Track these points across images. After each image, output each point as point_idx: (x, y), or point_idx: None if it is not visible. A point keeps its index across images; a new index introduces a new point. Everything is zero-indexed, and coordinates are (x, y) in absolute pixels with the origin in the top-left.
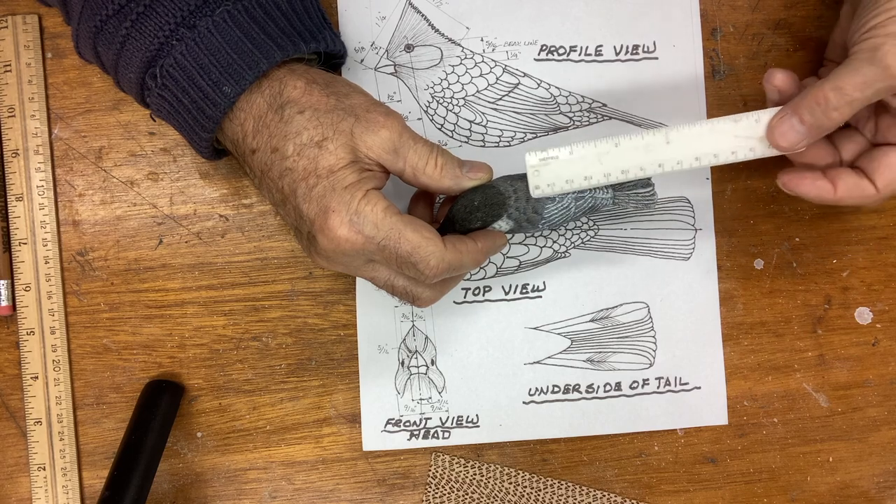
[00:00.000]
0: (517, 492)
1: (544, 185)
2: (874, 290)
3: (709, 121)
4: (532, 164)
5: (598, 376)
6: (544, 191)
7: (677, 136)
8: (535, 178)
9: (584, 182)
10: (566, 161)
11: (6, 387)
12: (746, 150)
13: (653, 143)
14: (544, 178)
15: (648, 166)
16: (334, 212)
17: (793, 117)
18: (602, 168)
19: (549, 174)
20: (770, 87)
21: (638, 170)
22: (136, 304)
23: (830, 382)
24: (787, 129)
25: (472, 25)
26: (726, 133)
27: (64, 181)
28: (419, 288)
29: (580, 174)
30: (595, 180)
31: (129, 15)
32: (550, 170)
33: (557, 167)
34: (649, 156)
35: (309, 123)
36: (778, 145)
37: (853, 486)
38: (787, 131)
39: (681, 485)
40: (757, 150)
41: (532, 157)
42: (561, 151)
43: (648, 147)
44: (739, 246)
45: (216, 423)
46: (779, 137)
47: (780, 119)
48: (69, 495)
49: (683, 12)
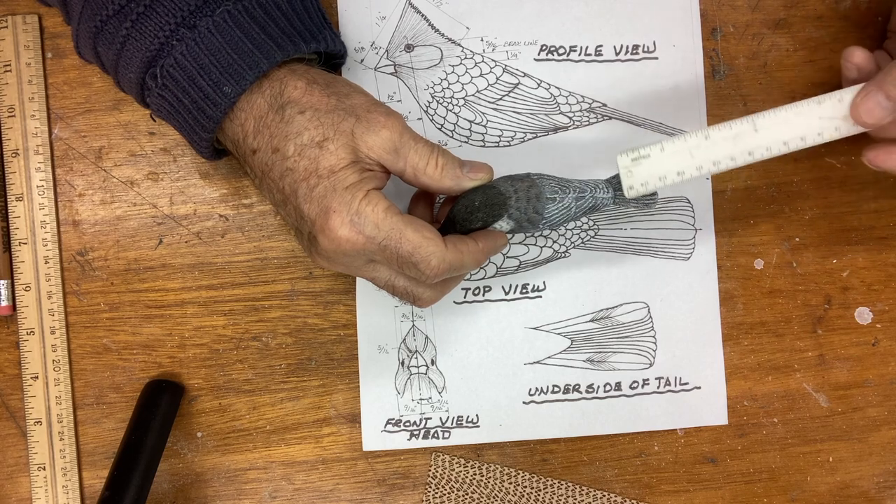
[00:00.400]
0: (517, 492)
1: (638, 185)
2: (874, 290)
3: (792, 105)
4: (624, 164)
5: (598, 376)
6: (638, 190)
7: (764, 123)
8: (629, 178)
9: (676, 178)
10: (658, 158)
11: (6, 387)
12: (832, 130)
13: (741, 132)
14: (637, 177)
15: (739, 156)
16: (335, 212)
17: (878, 93)
18: (694, 161)
19: (642, 173)
20: (849, 64)
21: (729, 160)
22: (136, 304)
23: (830, 382)
24: (873, 106)
25: (472, 25)
26: (811, 115)
27: (64, 181)
28: (420, 288)
29: (672, 170)
30: (688, 174)
31: (130, 15)
32: (643, 168)
33: (649, 165)
34: (738, 145)
35: (310, 124)
36: (864, 122)
37: (853, 486)
38: (874, 108)
39: (681, 485)
40: (842, 129)
41: (624, 158)
42: (652, 149)
43: (737, 137)
44: (739, 246)
45: (216, 423)
46: (865, 114)
47: (864, 96)
48: (69, 495)
49: (683, 12)
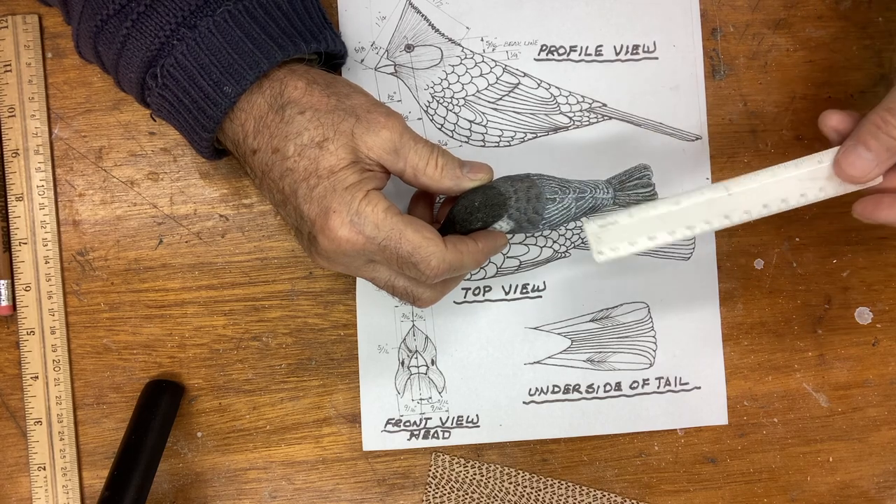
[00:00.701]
0: (517, 492)
1: (607, 250)
2: (874, 290)
3: (768, 170)
4: (592, 231)
5: (598, 376)
6: (608, 255)
7: (738, 189)
8: (598, 244)
9: (648, 242)
10: (627, 225)
11: (6, 387)
12: (816, 191)
13: (714, 197)
14: (607, 242)
15: (714, 219)
16: (335, 212)
17: (858, 146)
18: (666, 226)
19: (611, 238)
20: (827, 129)
21: (704, 224)
22: (136, 304)
23: (830, 382)
24: (854, 159)
25: (472, 25)
26: (790, 178)
27: (64, 181)
28: (420, 288)
29: (643, 234)
30: (661, 239)
31: (130, 15)
32: (611, 234)
33: (618, 231)
34: (713, 209)
35: (310, 124)
36: (850, 177)
37: (853, 486)
38: (856, 161)
39: (681, 485)
40: (827, 189)
41: (591, 225)
42: (620, 216)
43: (711, 203)
44: (739, 246)
45: (216, 423)
46: (848, 168)
47: (846, 151)
48: (69, 495)
49: (683, 12)
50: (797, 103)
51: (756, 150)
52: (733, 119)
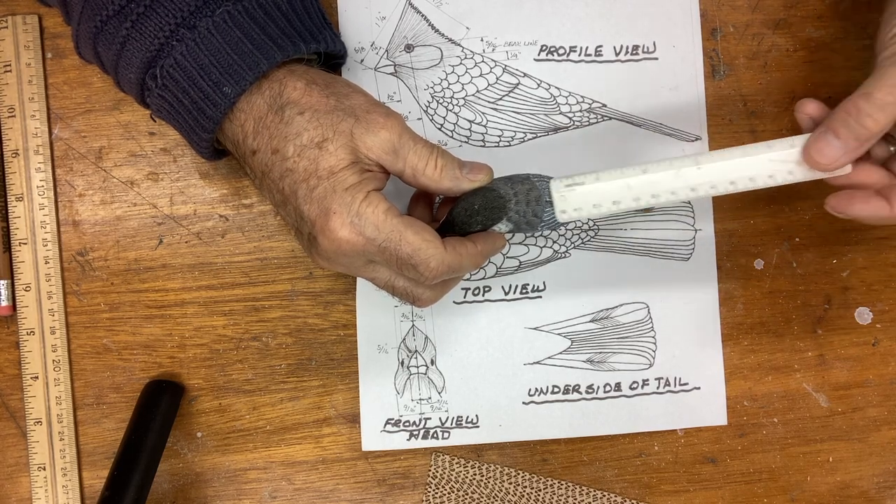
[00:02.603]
0: (517, 492)
1: (570, 210)
2: (874, 290)
3: (739, 147)
4: (557, 189)
5: (598, 377)
6: (571, 215)
7: (708, 163)
8: (562, 203)
9: (612, 207)
10: (593, 186)
11: (6, 387)
12: (785, 174)
13: (683, 169)
14: (571, 202)
15: (680, 190)
16: (335, 213)
17: (827, 133)
18: (631, 193)
19: (576, 199)
20: (802, 115)
21: (669, 194)
22: (136, 304)
23: (830, 382)
24: (822, 146)
25: (472, 25)
26: (760, 158)
27: (64, 181)
28: (419, 289)
29: (608, 199)
30: (624, 205)
31: (130, 15)
32: (577, 194)
33: (584, 192)
34: (680, 181)
35: (309, 125)
36: (817, 163)
37: (853, 486)
38: (824, 147)
39: (681, 485)
40: (796, 173)
41: (557, 184)
42: (587, 178)
43: (679, 174)
44: (739, 246)
45: (216, 423)
46: (815, 154)
47: (815, 137)
48: (69, 495)
49: (683, 12)
50: (797, 103)
51: None
52: (733, 119)
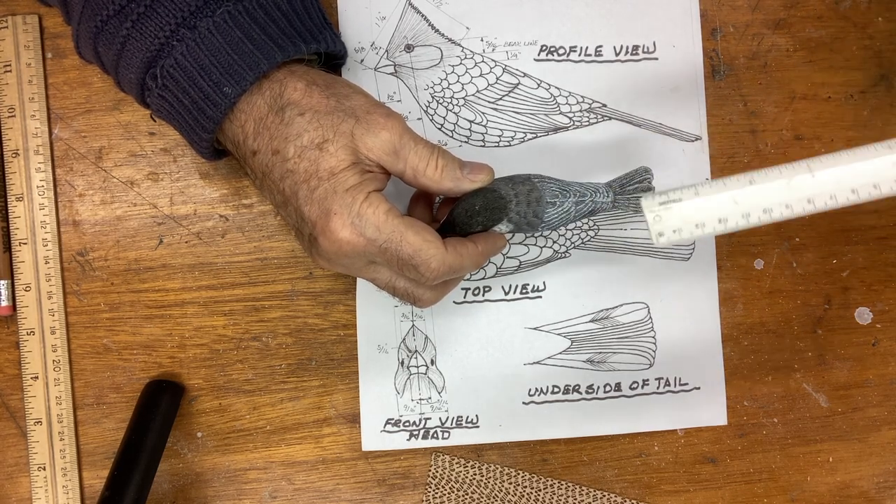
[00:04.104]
0: (517, 492)
1: (669, 232)
2: (874, 290)
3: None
4: (651, 208)
5: (598, 377)
6: (670, 238)
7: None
8: (657, 224)
9: (718, 226)
10: (691, 204)
11: (6, 387)
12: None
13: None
14: (668, 223)
15: (796, 203)
16: (336, 214)
17: None
18: (739, 209)
19: (674, 219)
20: None
21: (783, 208)
22: (136, 304)
23: (830, 382)
24: None
25: (472, 25)
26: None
27: (64, 181)
28: (420, 289)
29: (712, 216)
30: (732, 223)
31: (130, 15)
32: (673, 214)
33: (682, 210)
34: (794, 192)
35: (309, 125)
36: None
37: (853, 486)
38: None
39: (681, 485)
40: None
41: (650, 201)
42: (684, 193)
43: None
44: (739, 246)
45: (216, 423)
46: None
47: None
48: (69, 495)
49: (683, 12)
50: (797, 103)
51: (756, 150)
52: (733, 119)
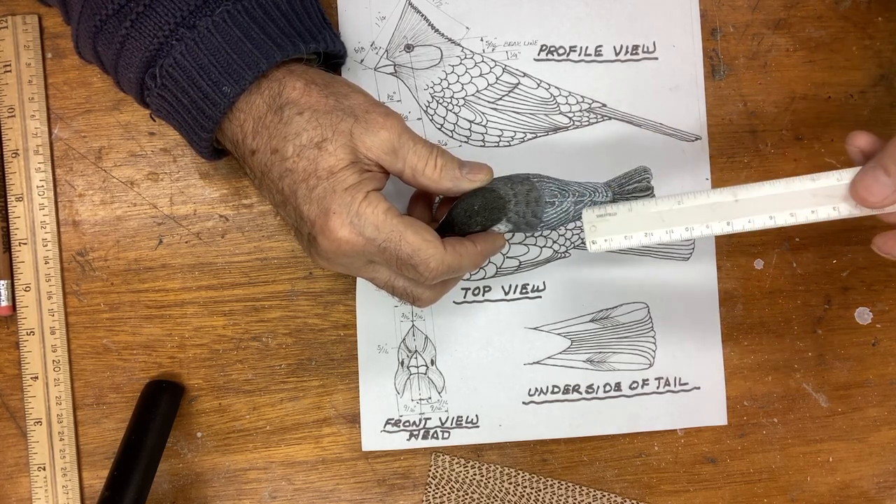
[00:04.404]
0: (517, 492)
1: (601, 241)
2: (874, 290)
3: (781, 180)
4: (589, 219)
5: (598, 377)
6: (601, 246)
7: (747, 195)
8: (592, 233)
9: (644, 238)
10: (625, 217)
11: (6, 387)
12: (829, 210)
13: (720, 201)
14: (601, 232)
15: (715, 224)
16: (335, 213)
17: (877, 169)
18: (665, 224)
19: (607, 229)
20: (852, 148)
21: (703, 227)
22: (136, 305)
23: (830, 382)
24: (871, 182)
25: (472, 25)
26: (803, 192)
27: (64, 181)
28: (419, 289)
29: (640, 230)
30: (657, 237)
31: (129, 15)
32: (608, 226)
33: (616, 223)
34: (716, 213)
35: (308, 125)
36: (865, 201)
37: (853, 486)
38: (872, 184)
39: (681, 485)
40: (841, 209)
41: (589, 214)
42: (619, 208)
43: (714, 206)
44: (739, 246)
45: (216, 423)
46: (864, 192)
47: (863, 173)
48: (69, 495)
49: (683, 12)
50: (797, 103)
51: (756, 150)
52: (733, 119)
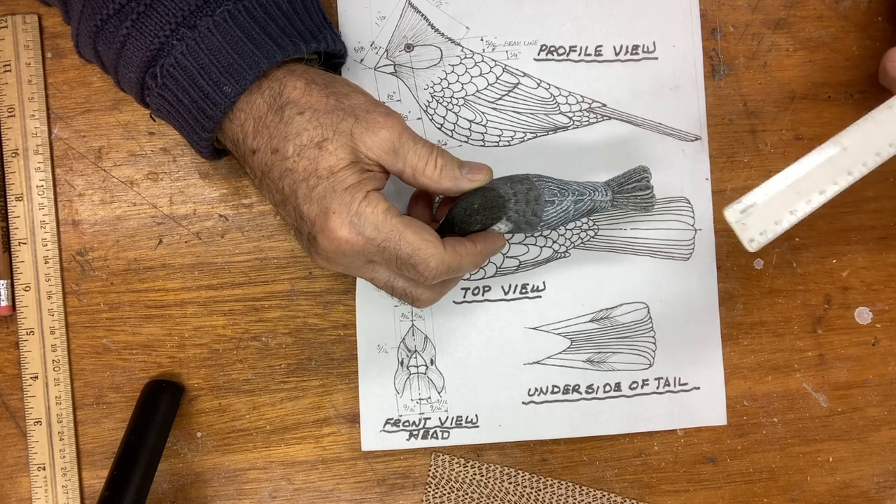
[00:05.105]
0: (517, 492)
1: (757, 235)
2: (874, 290)
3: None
4: (734, 219)
5: (598, 377)
6: (759, 241)
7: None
8: (745, 232)
9: (791, 217)
10: (765, 204)
11: (6, 387)
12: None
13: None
14: (753, 228)
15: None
16: (335, 213)
17: None
18: (801, 196)
19: (757, 223)
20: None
21: (832, 185)
22: (135, 304)
23: (830, 382)
24: None
25: (472, 25)
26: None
27: (64, 181)
28: (419, 289)
29: (784, 210)
30: (801, 210)
31: (130, 14)
32: (754, 218)
33: (760, 213)
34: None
35: (309, 124)
36: None
37: (853, 486)
38: None
39: (681, 485)
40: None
41: (732, 212)
42: (755, 197)
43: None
44: (739, 246)
45: (216, 423)
46: None
47: None
48: (69, 495)
49: (683, 12)
50: (797, 103)
51: (756, 150)
52: (733, 119)
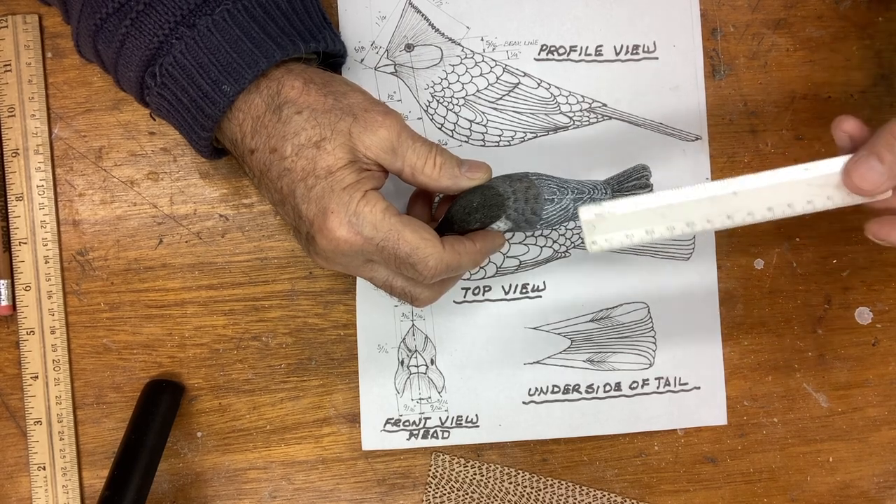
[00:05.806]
0: (517, 492)
1: (601, 240)
2: (874, 290)
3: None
4: (587, 218)
5: (598, 376)
6: (602, 245)
7: (744, 188)
8: (592, 233)
9: (645, 236)
10: (624, 215)
11: (6, 387)
12: (824, 199)
13: (718, 195)
14: (601, 231)
15: (716, 218)
16: (333, 213)
17: (870, 157)
18: (665, 221)
19: (607, 228)
20: (840, 133)
21: (705, 222)
22: (136, 304)
23: (830, 382)
24: (865, 171)
25: (472, 25)
26: (798, 183)
27: (64, 181)
28: (418, 288)
29: (641, 227)
30: (658, 233)
31: (129, 13)
32: (607, 225)
33: (615, 221)
34: (715, 207)
35: (307, 124)
36: (859, 189)
37: (853, 486)
38: (867, 172)
39: (681, 485)
40: (835, 198)
41: (587, 212)
42: (618, 205)
43: (714, 200)
44: (739, 246)
45: (216, 423)
46: (858, 180)
47: (856, 161)
48: (69, 495)
49: (683, 12)
50: (797, 103)
51: (756, 150)
52: (733, 119)
